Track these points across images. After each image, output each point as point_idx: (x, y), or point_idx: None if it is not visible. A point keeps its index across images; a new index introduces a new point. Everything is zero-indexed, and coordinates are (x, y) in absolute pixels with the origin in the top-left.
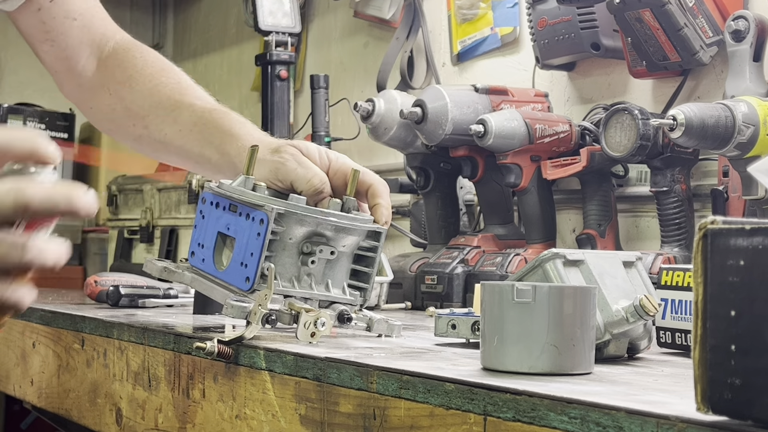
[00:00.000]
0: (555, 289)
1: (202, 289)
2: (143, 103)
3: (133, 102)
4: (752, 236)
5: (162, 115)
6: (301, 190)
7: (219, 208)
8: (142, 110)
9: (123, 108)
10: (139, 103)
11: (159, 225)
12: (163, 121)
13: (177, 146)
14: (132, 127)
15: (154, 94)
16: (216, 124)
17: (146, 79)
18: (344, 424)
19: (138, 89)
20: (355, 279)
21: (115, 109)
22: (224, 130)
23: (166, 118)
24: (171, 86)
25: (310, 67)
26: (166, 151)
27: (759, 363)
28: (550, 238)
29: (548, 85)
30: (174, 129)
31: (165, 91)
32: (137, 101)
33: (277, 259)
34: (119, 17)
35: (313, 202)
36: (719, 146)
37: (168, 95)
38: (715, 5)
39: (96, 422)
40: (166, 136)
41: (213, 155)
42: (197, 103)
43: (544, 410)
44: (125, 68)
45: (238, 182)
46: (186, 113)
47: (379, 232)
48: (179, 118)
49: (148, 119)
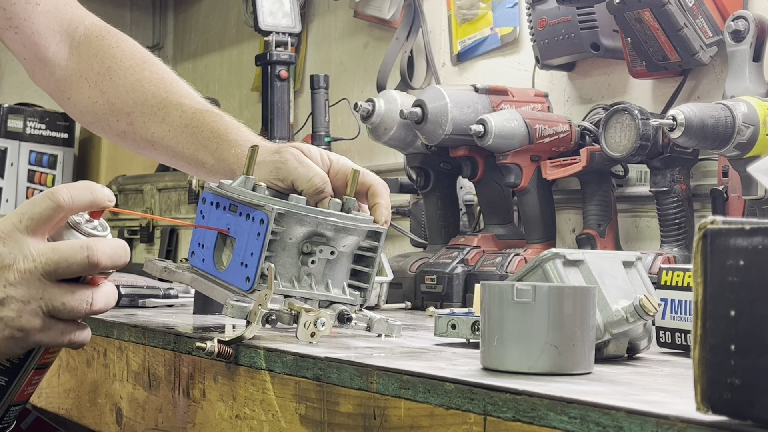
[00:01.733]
0: (555, 289)
1: (202, 289)
2: (127, 99)
3: (116, 97)
4: (752, 236)
5: (148, 113)
6: (302, 189)
7: (219, 208)
8: (126, 106)
9: (105, 101)
10: (123, 98)
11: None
12: (150, 119)
13: (166, 146)
14: (116, 122)
15: (137, 89)
16: (210, 128)
17: (127, 72)
18: (344, 424)
19: (120, 83)
20: (355, 279)
21: (97, 102)
22: (220, 135)
23: (153, 117)
24: (155, 82)
25: (310, 67)
26: (153, 149)
27: (759, 363)
28: (550, 238)
29: (548, 85)
30: (163, 129)
31: (149, 87)
32: (120, 96)
33: (277, 259)
34: (119, 17)
35: (314, 202)
36: (719, 146)
37: (153, 92)
38: (715, 5)
39: (96, 422)
40: (154, 135)
41: (208, 159)
42: (186, 103)
43: (544, 410)
44: (103, 58)
45: (238, 182)
46: (175, 113)
47: (379, 232)
48: (168, 117)
49: (133, 116)
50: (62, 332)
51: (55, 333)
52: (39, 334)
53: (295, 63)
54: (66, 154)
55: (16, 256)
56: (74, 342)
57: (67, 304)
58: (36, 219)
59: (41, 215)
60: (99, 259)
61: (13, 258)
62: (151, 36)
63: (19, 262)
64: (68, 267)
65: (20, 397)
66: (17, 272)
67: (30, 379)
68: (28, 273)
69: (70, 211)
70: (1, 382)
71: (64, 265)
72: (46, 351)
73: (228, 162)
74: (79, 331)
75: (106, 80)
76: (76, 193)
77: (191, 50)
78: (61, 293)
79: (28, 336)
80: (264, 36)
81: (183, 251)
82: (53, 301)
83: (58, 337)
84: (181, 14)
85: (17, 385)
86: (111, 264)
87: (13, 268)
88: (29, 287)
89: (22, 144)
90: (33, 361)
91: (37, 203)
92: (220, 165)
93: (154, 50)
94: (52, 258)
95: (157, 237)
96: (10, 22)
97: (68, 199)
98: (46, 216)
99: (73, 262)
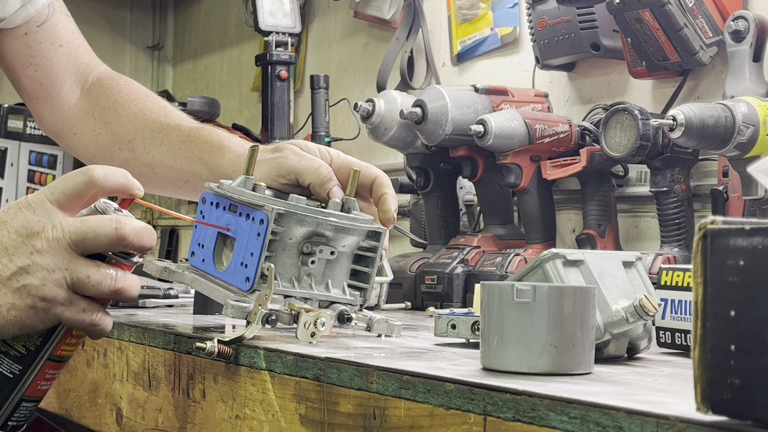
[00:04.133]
0: (555, 289)
1: (202, 290)
2: (129, 127)
3: (119, 126)
4: (752, 236)
5: (148, 137)
6: (309, 181)
7: (219, 208)
8: (128, 134)
9: (109, 132)
10: (125, 126)
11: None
12: (149, 143)
13: (165, 167)
14: (118, 151)
15: (139, 117)
16: (204, 140)
17: (131, 103)
18: (344, 424)
19: (123, 114)
20: (355, 279)
21: (101, 133)
22: (213, 144)
23: (152, 141)
24: (156, 110)
25: (310, 67)
26: (153, 173)
27: (759, 363)
28: (549, 238)
29: (548, 85)
30: (161, 150)
31: (150, 114)
32: (123, 125)
33: (277, 259)
34: (119, 17)
35: (323, 192)
36: (719, 146)
37: (153, 118)
38: (715, 5)
39: (96, 422)
40: (154, 158)
41: (203, 171)
42: (183, 124)
43: (544, 410)
44: (110, 94)
45: (237, 182)
46: (173, 133)
47: (379, 232)
48: (166, 138)
49: (134, 142)
50: (84, 310)
51: (77, 309)
52: (61, 307)
53: (295, 63)
54: (66, 154)
55: (45, 224)
56: (95, 324)
57: (92, 277)
58: (68, 193)
59: (74, 189)
60: (126, 234)
61: (42, 226)
62: (151, 36)
63: (48, 230)
64: (96, 238)
65: (33, 392)
66: (45, 240)
67: (44, 372)
68: (56, 242)
69: (102, 188)
70: (15, 370)
71: (92, 235)
72: (64, 340)
73: (222, 168)
74: (101, 314)
75: (111, 112)
76: (110, 172)
77: (191, 50)
78: (86, 266)
79: (50, 308)
80: (264, 36)
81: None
82: (78, 272)
83: (79, 314)
84: (181, 14)
85: (30, 375)
86: (138, 242)
87: (42, 235)
88: (55, 256)
89: (22, 144)
90: (50, 348)
91: (71, 178)
92: (213, 174)
93: (154, 50)
94: (81, 228)
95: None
96: (32, 60)
97: (102, 176)
98: (79, 191)
99: (101, 233)
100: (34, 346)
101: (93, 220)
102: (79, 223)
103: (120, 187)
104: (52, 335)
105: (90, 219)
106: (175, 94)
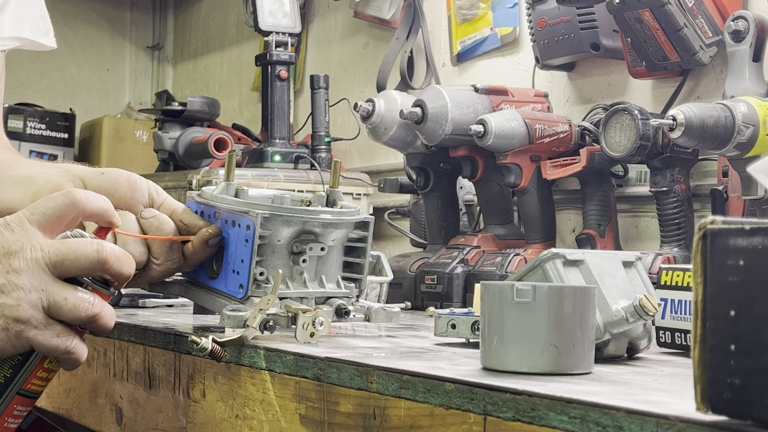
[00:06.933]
0: (555, 289)
1: (197, 300)
2: None
3: None
4: (752, 236)
5: None
6: None
7: (204, 217)
8: None
9: None
10: None
11: None
12: None
13: None
14: None
15: None
16: None
17: None
18: (344, 424)
19: None
20: (349, 271)
21: None
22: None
23: None
24: None
25: (310, 67)
26: None
27: (759, 363)
28: (549, 238)
29: (548, 85)
30: None
31: None
32: None
33: (268, 263)
34: (119, 17)
35: None
36: (719, 146)
37: None
38: (715, 5)
39: (96, 422)
40: None
41: None
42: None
43: (544, 410)
44: None
45: (219, 189)
46: None
47: (367, 221)
48: None
49: None
50: (59, 335)
51: (51, 333)
52: (34, 330)
53: (295, 63)
54: (66, 154)
55: (23, 244)
56: (70, 352)
57: (69, 300)
58: (48, 214)
59: (54, 210)
60: (107, 257)
61: (20, 245)
62: (151, 36)
63: (26, 250)
64: (76, 260)
65: None
66: (23, 259)
67: (12, 408)
68: (34, 262)
69: (83, 211)
70: None
71: (72, 257)
72: (35, 373)
73: None
74: (77, 341)
75: None
76: (91, 196)
77: (191, 50)
78: (64, 289)
79: (23, 331)
80: (264, 36)
81: None
82: (55, 295)
83: (53, 339)
84: (181, 14)
85: None
86: (117, 267)
87: (20, 255)
88: (33, 276)
89: (22, 144)
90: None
91: (52, 199)
92: None
93: (154, 50)
94: (61, 249)
95: None
96: None
97: (83, 199)
98: (60, 212)
99: (81, 254)
100: (4, 378)
101: (74, 242)
102: (59, 245)
103: (100, 212)
104: (23, 367)
105: (71, 241)
106: (175, 94)
